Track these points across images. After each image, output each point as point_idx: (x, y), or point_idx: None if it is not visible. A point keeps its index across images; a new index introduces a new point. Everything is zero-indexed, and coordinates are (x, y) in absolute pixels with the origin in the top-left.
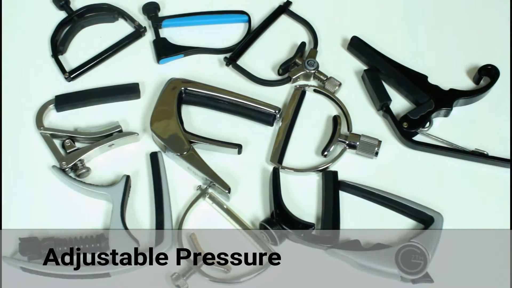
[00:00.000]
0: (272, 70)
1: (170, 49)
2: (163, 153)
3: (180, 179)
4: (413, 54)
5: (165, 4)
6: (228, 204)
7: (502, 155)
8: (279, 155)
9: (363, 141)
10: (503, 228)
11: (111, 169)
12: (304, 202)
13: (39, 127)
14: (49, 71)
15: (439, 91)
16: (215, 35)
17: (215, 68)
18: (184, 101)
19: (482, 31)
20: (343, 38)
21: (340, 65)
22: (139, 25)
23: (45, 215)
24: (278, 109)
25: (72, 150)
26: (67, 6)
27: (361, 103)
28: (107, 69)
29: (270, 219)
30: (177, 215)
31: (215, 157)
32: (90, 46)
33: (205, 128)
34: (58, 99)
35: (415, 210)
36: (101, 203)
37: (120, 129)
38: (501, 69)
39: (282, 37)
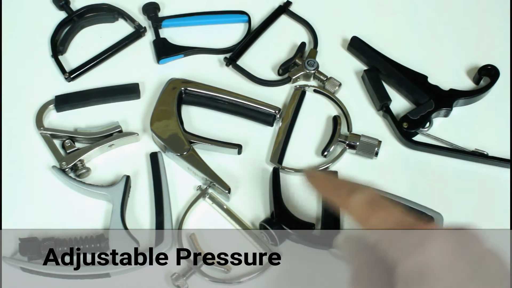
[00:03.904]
0: (272, 70)
1: (170, 49)
2: (163, 153)
3: (180, 179)
4: (413, 54)
5: (165, 4)
6: (228, 204)
7: (502, 155)
8: (279, 155)
9: (363, 141)
10: (503, 228)
11: (111, 169)
12: (304, 202)
13: (39, 127)
14: (49, 71)
15: (439, 91)
16: (215, 35)
17: (215, 68)
18: (184, 101)
19: (482, 31)
20: (343, 38)
21: (340, 65)
22: (139, 25)
23: (45, 215)
24: (278, 109)
25: (72, 150)
26: (67, 6)
27: (361, 103)
28: (107, 69)
29: (270, 219)
30: (177, 215)
31: (215, 157)
32: (90, 46)
33: (205, 128)
34: (58, 99)
35: (415, 210)
36: (101, 203)
37: (120, 129)
38: (501, 69)
39: (282, 37)
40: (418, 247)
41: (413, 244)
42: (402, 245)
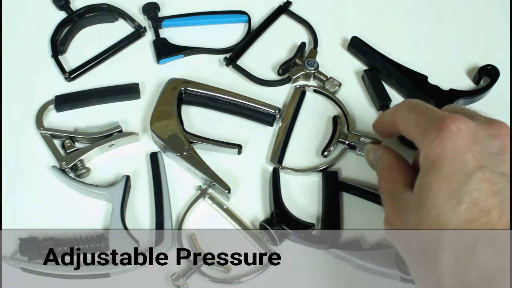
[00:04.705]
0: (272, 70)
1: (170, 49)
2: (163, 153)
3: (180, 179)
4: (413, 54)
5: (165, 4)
6: (228, 204)
7: None
8: (279, 155)
9: (363, 142)
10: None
11: (111, 169)
12: (304, 202)
13: (39, 127)
14: (49, 71)
15: (439, 91)
16: (215, 35)
17: (215, 68)
18: (184, 101)
19: (482, 31)
20: (343, 38)
21: (340, 65)
22: (139, 25)
23: (45, 215)
24: (278, 109)
25: (72, 150)
26: (67, 6)
27: (361, 103)
28: (107, 69)
29: (270, 219)
30: (177, 215)
31: (215, 157)
32: (90, 46)
33: (205, 128)
34: (58, 99)
35: None
36: (101, 203)
37: (120, 129)
38: (501, 69)
39: (282, 37)
40: (437, 136)
41: (433, 132)
42: (426, 131)
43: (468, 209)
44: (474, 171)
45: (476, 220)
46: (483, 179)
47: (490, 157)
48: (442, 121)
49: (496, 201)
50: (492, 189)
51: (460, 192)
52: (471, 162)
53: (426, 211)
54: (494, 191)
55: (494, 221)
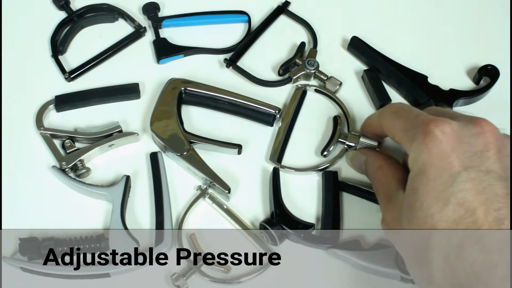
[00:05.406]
0: (273, 70)
1: (170, 49)
2: (163, 153)
3: (180, 179)
4: (413, 54)
5: (165, 4)
6: (228, 204)
7: None
8: (279, 155)
9: (362, 141)
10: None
11: (111, 169)
12: (304, 202)
13: (39, 127)
14: (49, 71)
15: (439, 91)
16: (215, 35)
17: (215, 68)
18: (184, 101)
19: (482, 31)
20: (343, 38)
21: (340, 65)
22: (139, 25)
23: (45, 215)
24: (278, 109)
25: (72, 150)
26: (67, 6)
27: (361, 103)
28: (107, 69)
29: (270, 219)
30: (177, 215)
31: (215, 157)
32: (90, 46)
33: (205, 128)
34: (58, 99)
35: None
36: (101, 203)
37: (120, 129)
38: (501, 69)
39: (282, 37)
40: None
41: (418, 137)
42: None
43: (455, 210)
44: (459, 172)
45: (463, 220)
46: (467, 179)
47: (474, 156)
48: (426, 126)
49: (482, 200)
50: (477, 188)
51: (446, 194)
52: (456, 163)
53: (415, 213)
54: (479, 189)
55: (480, 220)
